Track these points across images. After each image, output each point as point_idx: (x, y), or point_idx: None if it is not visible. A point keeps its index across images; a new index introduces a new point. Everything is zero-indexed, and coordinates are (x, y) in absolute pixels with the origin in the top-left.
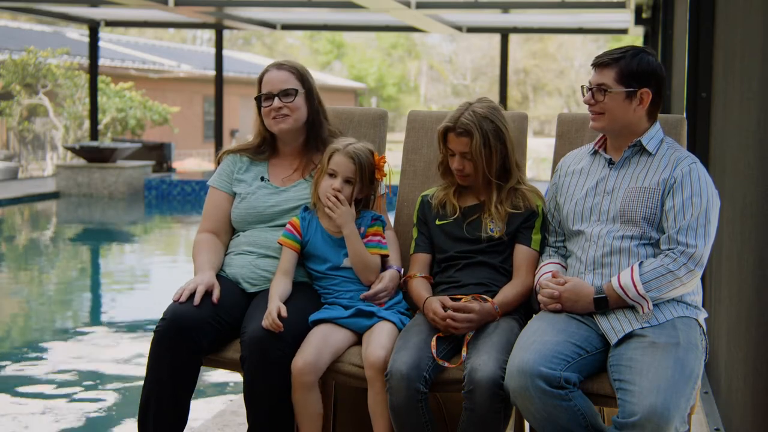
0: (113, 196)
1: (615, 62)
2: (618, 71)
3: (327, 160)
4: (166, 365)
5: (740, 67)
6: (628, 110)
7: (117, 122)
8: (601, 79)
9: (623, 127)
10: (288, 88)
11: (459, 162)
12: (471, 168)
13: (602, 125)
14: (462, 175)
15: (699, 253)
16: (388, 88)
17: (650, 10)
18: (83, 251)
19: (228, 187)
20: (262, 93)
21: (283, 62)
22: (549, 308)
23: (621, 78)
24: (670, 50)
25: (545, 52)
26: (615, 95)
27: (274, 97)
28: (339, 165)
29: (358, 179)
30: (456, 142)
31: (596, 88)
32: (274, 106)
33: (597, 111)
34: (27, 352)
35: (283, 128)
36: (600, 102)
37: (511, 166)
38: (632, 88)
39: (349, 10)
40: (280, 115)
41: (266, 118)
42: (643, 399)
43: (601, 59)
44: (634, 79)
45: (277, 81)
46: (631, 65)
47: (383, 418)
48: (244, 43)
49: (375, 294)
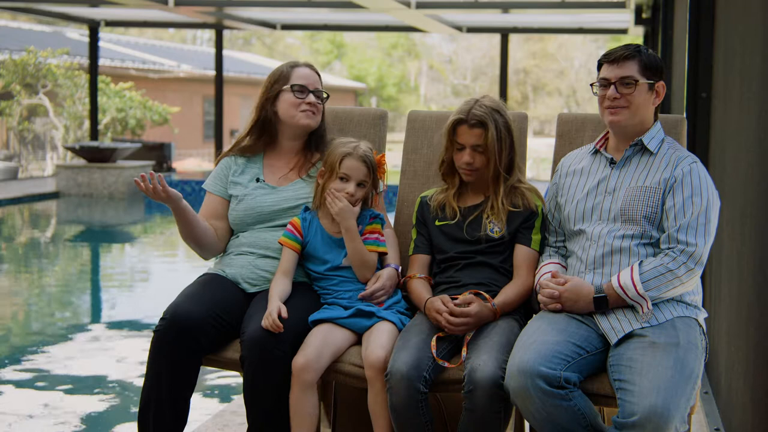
0: (113, 196)
1: (638, 54)
2: (641, 63)
3: (338, 164)
4: (166, 365)
5: (740, 67)
6: (648, 103)
7: (117, 122)
8: (625, 72)
9: (639, 121)
10: (321, 90)
11: (470, 155)
12: (481, 162)
13: (623, 118)
14: (471, 169)
15: (699, 252)
16: (388, 88)
17: (650, 10)
18: (83, 251)
19: (223, 191)
20: (296, 84)
21: (310, 64)
22: (549, 308)
23: (644, 70)
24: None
25: (545, 52)
26: (642, 87)
27: (309, 93)
28: (352, 169)
29: (369, 181)
30: (468, 135)
31: (620, 82)
32: (309, 100)
33: (621, 105)
34: (27, 352)
35: (310, 124)
36: (627, 95)
37: (515, 162)
38: (652, 80)
39: (349, 10)
40: (312, 110)
41: (292, 109)
42: (643, 399)
43: (622, 52)
44: (653, 72)
45: (313, 79)
46: (650, 58)
47: (383, 418)
48: (244, 43)
49: (372, 293)
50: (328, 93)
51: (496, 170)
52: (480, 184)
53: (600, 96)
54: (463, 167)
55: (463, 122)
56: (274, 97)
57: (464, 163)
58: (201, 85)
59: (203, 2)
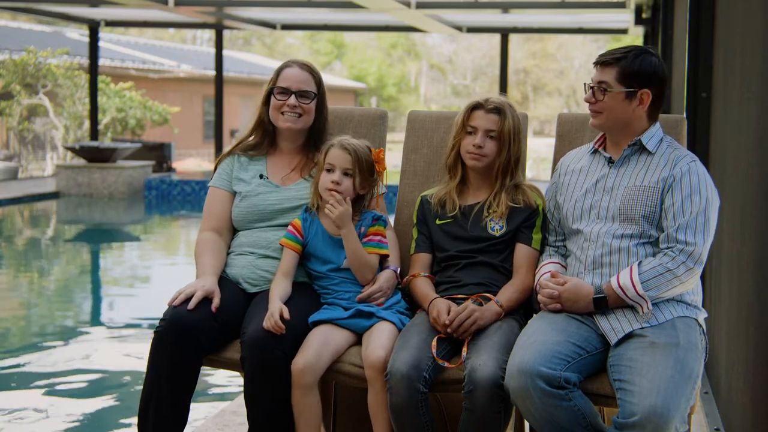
0: (113, 196)
1: (617, 62)
2: (619, 71)
3: (323, 156)
4: (166, 365)
5: (740, 67)
6: (627, 110)
7: (117, 122)
8: (602, 77)
9: (622, 126)
10: (307, 90)
11: (481, 139)
12: (491, 149)
13: (600, 123)
14: (479, 154)
15: (698, 251)
16: (388, 88)
17: (650, 10)
18: (83, 251)
19: (228, 185)
20: (278, 86)
21: (305, 63)
22: (549, 308)
23: (622, 78)
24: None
25: (545, 52)
26: (615, 95)
27: (291, 94)
28: (335, 158)
29: (357, 171)
30: (484, 119)
31: (597, 87)
32: (289, 102)
33: (596, 110)
34: (26, 351)
35: (291, 127)
36: (600, 101)
37: (520, 160)
38: (632, 88)
39: (349, 10)
40: (293, 113)
41: (274, 112)
42: (643, 399)
43: (604, 58)
44: (634, 80)
45: (298, 79)
46: (633, 65)
47: (383, 418)
48: (244, 43)
49: (369, 295)
50: (314, 91)
51: (504, 163)
52: (482, 180)
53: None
54: (471, 150)
55: (480, 107)
56: (266, 98)
57: (474, 146)
58: (201, 85)
59: (203, 2)
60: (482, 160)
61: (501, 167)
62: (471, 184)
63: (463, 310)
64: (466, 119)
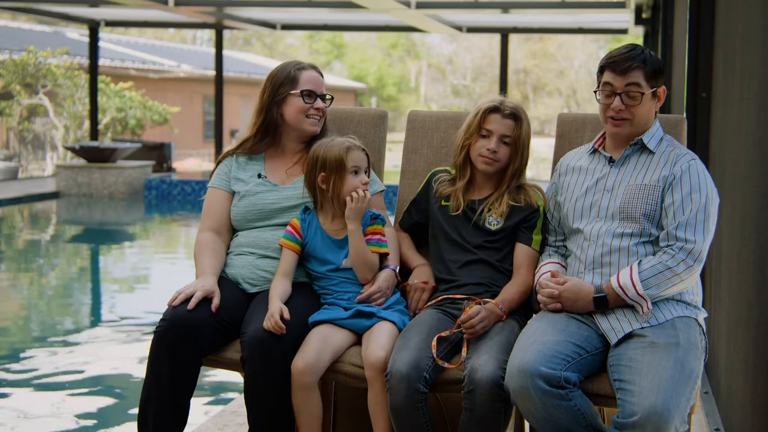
0: (113, 196)
1: (643, 63)
2: (646, 72)
3: (345, 160)
4: (166, 365)
5: (740, 67)
6: (651, 110)
7: (117, 122)
8: (631, 81)
9: (641, 128)
10: (327, 93)
11: (496, 144)
12: (504, 154)
13: (624, 131)
14: (492, 159)
15: (698, 249)
16: (388, 88)
17: (650, 10)
18: (83, 251)
19: (227, 185)
20: (305, 89)
21: (315, 66)
22: (549, 308)
23: (648, 79)
24: (670, 50)
25: (545, 52)
26: (646, 97)
27: (317, 97)
28: (360, 160)
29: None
30: (500, 124)
31: (625, 93)
32: (318, 105)
33: (625, 117)
34: (26, 351)
35: (317, 130)
36: (631, 107)
37: (526, 163)
38: (655, 87)
39: (349, 10)
40: (319, 116)
41: (299, 114)
42: (643, 399)
43: (627, 63)
44: (659, 77)
45: (320, 83)
46: (656, 63)
47: (383, 418)
48: (244, 43)
49: (368, 296)
50: (332, 95)
51: (515, 169)
52: (488, 180)
53: (604, 104)
54: (485, 154)
55: (497, 110)
56: (281, 100)
57: (488, 150)
58: (201, 85)
59: (203, 2)
60: (494, 165)
61: (512, 171)
62: (477, 182)
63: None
64: (482, 121)
